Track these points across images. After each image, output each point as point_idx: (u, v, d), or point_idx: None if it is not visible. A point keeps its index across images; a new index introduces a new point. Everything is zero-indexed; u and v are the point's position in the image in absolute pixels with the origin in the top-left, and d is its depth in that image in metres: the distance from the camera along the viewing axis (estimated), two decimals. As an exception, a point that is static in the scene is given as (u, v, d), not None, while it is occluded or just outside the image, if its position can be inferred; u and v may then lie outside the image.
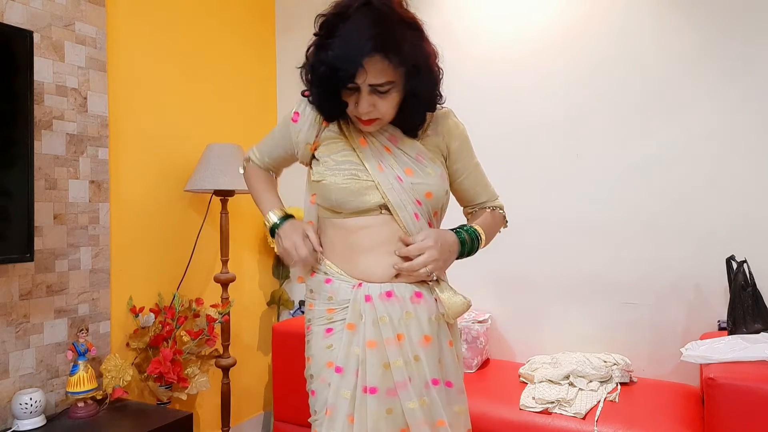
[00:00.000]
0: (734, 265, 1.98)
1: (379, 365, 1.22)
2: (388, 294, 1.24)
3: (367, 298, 1.24)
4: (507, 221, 1.49)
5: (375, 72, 1.14)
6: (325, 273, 1.31)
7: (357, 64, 1.11)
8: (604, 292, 2.33)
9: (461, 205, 1.47)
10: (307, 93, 1.31)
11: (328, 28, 1.17)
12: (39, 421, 1.76)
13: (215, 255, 2.60)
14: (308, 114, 1.31)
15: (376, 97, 1.18)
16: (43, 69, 1.88)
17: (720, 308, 2.10)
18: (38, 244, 1.86)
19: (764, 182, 2.08)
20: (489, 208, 1.44)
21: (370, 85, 1.16)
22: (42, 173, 1.88)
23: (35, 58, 1.83)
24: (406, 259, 1.24)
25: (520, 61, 2.49)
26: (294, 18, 3.02)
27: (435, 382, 1.25)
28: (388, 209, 1.26)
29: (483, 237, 1.34)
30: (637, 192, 2.27)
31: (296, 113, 1.33)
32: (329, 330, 1.29)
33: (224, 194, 2.40)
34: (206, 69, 2.61)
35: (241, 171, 1.50)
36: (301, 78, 1.28)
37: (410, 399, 1.22)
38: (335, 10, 1.18)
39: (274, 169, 1.48)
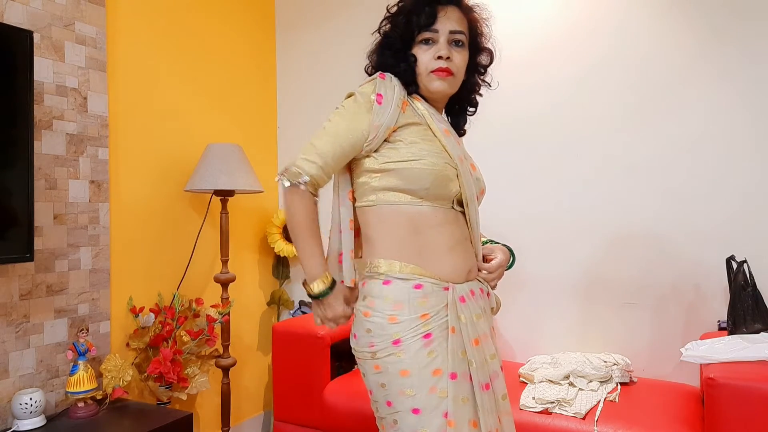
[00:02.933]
0: (734, 265, 1.97)
1: (484, 361, 1.26)
2: (472, 292, 1.29)
3: (462, 299, 1.25)
4: None
5: (453, 19, 1.29)
6: (408, 279, 1.23)
7: (443, 2, 1.29)
8: (604, 292, 2.33)
9: None
10: (383, 75, 1.29)
11: (398, 6, 1.34)
12: (39, 421, 1.76)
13: (215, 255, 2.60)
14: (390, 96, 1.26)
15: (452, 49, 1.30)
16: (43, 69, 1.88)
17: (720, 308, 2.10)
18: (38, 244, 1.86)
19: (764, 182, 2.08)
20: None
21: (449, 32, 1.28)
22: (42, 173, 1.88)
23: (35, 58, 1.83)
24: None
25: (519, 60, 2.48)
26: (294, 18, 3.02)
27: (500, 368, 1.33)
28: (460, 204, 1.31)
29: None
30: (638, 192, 2.27)
31: (379, 95, 1.25)
32: (428, 335, 1.21)
33: (224, 194, 2.40)
34: (206, 69, 2.61)
35: (286, 184, 1.23)
36: (370, 57, 1.38)
37: (501, 389, 1.30)
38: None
39: (327, 180, 1.28)
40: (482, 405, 1.22)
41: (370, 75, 1.35)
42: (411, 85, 1.32)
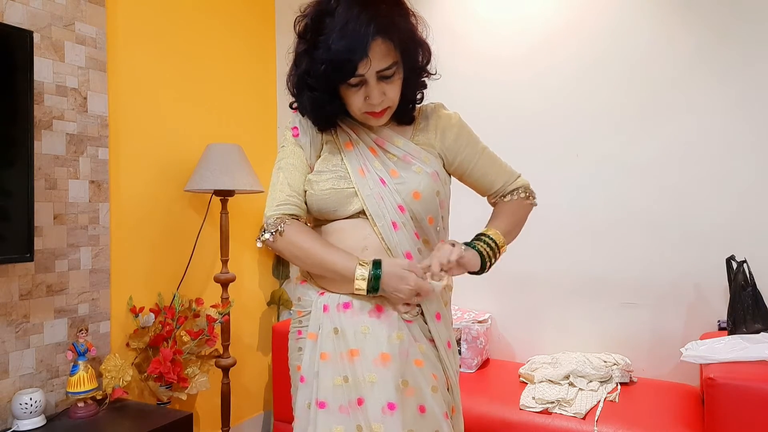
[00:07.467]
0: (734, 265, 1.98)
1: (331, 380, 1.15)
2: (346, 305, 1.19)
3: (325, 308, 1.20)
4: (535, 200, 1.40)
5: (380, 56, 1.11)
6: (302, 275, 1.31)
7: (364, 52, 1.08)
8: (604, 292, 2.33)
9: (481, 195, 1.40)
10: (295, 108, 1.28)
11: (315, 26, 1.14)
12: (39, 421, 1.76)
13: (215, 255, 2.60)
14: (305, 125, 1.27)
15: (384, 84, 1.15)
16: (43, 69, 1.88)
17: (720, 308, 2.10)
18: (38, 244, 1.86)
19: (764, 182, 2.08)
20: (509, 193, 1.37)
21: (377, 72, 1.12)
22: (42, 173, 1.88)
23: (35, 58, 1.83)
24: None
25: (519, 59, 2.49)
26: (294, 19, 3.02)
27: (392, 406, 1.11)
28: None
29: (501, 242, 1.27)
30: (637, 192, 2.27)
31: (294, 128, 1.27)
32: (300, 332, 1.27)
33: (224, 194, 2.40)
34: (206, 69, 2.61)
35: (265, 238, 1.19)
36: (289, 88, 1.24)
37: (358, 421, 1.13)
38: (317, 7, 1.15)
39: (300, 199, 1.25)
40: (312, 421, 1.15)
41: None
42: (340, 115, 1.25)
